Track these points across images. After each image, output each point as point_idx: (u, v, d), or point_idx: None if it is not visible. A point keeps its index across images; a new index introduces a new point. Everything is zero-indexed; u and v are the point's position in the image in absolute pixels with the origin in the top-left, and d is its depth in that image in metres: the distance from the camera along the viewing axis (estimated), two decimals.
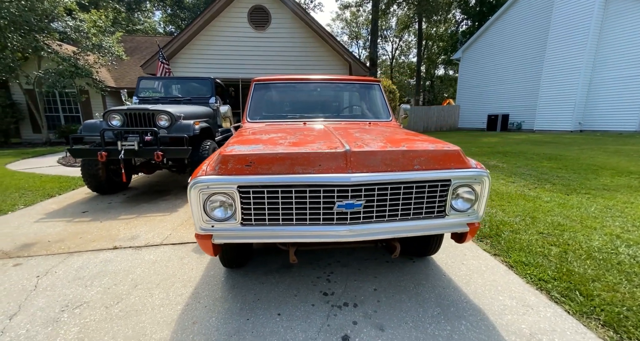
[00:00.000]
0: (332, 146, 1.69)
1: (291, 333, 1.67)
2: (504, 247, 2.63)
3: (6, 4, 8.11)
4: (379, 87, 3.21)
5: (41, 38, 9.31)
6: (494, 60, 18.89)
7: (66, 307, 1.84)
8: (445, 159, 1.73)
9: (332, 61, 8.34)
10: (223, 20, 7.72)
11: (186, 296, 1.97)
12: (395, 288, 2.10)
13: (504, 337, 1.63)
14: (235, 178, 1.54)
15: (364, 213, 1.66)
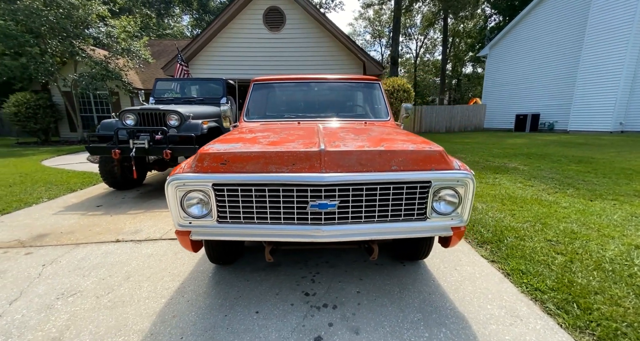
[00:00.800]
0: (308, 145, 1.68)
1: (265, 331, 1.68)
2: (504, 254, 2.49)
3: (45, 12, 8.81)
4: (379, 86, 3.14)
5: (77, 43, 10.03)
6: (524, 57, 17.91)
7: (62, 295, 1.97)
8: (426, 160, 1.67)
9: (347, 60, 8.29)
10: (239, 22, 7.91)
11: (172, 290, 2.05)
12: (379, 291, 2.05)
13: None
14: (211, 176, 1.58)
15: (339, 213, 1.63)
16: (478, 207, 3.71)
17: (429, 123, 18.49)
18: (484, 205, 3.79)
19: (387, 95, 7.59)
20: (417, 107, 17.99)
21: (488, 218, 3.28)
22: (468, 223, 3.02)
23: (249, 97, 3.00)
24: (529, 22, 17.51)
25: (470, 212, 1.73)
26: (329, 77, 3.14)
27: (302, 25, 7.96)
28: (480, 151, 8.85)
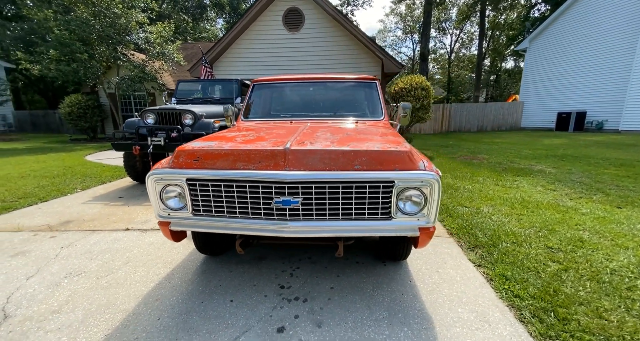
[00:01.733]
0: (276, 144, 1.77)
1: (234, 318, 1.79)
2: (494, 259, 2.40)
3: (93, 22, 9.74)
4: (375, 86, 3.14)
5: (119, 49, 10.97)
6: (569, 50, 16.46)
7: (69, 275, 2.24)
8: (390, 160, 1.68)
9: (365, 59, 8.22)
10: (260, 24, 8.17)
11: (162, 275, 2.24)
12: (352, 288, 2.08)
13: None
14: (184, 171, 1.72)
15: (303, 210, 1.70)
16: (483, 210, 3.56)
17: (458, 122, 17.69)
18: (491, 208, 3.62)
19: (405, 92, 7.43)
20: (445, 105, 17.28)
21: (489, 222, 3.15)
22: (464, 226, 2.94)
23: (248, 97, 3.14)
24: (576, 11, 16.05)
25: (437, 212, 1.71)
26: (326, 76, 3.19)
27: (321, 25, 8.02)
28: (508, 152, 8.35)
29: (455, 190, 4.41)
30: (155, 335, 1.65)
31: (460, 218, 3.29)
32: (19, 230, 3.10)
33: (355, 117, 2.94)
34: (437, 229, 2.95)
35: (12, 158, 8.19)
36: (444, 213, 3.45)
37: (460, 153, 8.36)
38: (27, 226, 3.22)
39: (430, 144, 10.70)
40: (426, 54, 23.71)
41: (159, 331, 1.68)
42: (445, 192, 4.30)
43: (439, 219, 3.31)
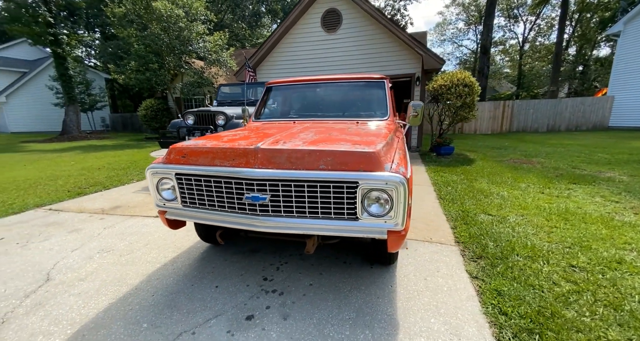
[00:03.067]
0: (250, 144, 1.89)
1: (213, 302, 1.97)
2: (495, 272, 2.18)
3: (162, 35, 11.17)
4: (383, 85, 3.06)
5: (183, 58, 12.39)
6: None
7: (101, 251, 2.69)
8: (355, 161, 1.67)
9: (403, 55, 7.90)
10: (299, 27, 8.41)
11: (169, 258, 2.54)
12: (329, 287, 2.11)
13: None
14: (173, 166, 1.95)
15: (272, 206, 1.79)
16: (510, 219, 3.21)
17: (522, 121, 15.81)
18: (520, 218, 3.25)
19: (445, 90, 6.94)
20: (505, 102, 15.58)
21: (509, 233, 2.84)
22: (476, 235, 2.71)
23: (261, 99, 3.34)
24: None
25: (405, 215, 1.65)
26: (336, 77, 3.21)
27: (358, 24, 7.94)
28: (575, 156, 7.24)
29: (486, 196, 4.03)
30: (145, 308, 1.91)
31: (477, 226, 3.03)
32: (81, 212, 3.79)
33: (360, 117, 2.91)
34: (443, 236, 2.79)
35: (99, 153, 9.85)
36: (459, 220, 3.20)
37: (512, 156, 7.52)
38: (88, 209, 3.90)
39: (480, 145, 9.81)
40: (488, 46, 21.68)
41: (149, 306, 1.93)
42: (474, 198, 3.97)
43: (451, 226, 3.09)
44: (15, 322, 1.82)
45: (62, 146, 12.09)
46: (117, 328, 1.74)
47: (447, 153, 7.33)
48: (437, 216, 3.38)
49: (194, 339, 1.66)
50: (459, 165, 6.27)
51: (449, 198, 3.95)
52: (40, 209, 3.94)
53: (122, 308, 1.92)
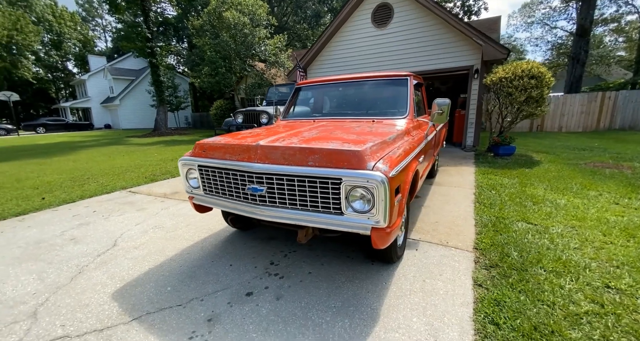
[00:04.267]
0: (255, 141, 2.12)
1: (224, 278, 2.28)
2: (505, 282, 2.02)
3: (230, 42, 12.41)
4: (405, 82, 3.00)
5: (248, 61, 13.56)
6: None
7: (154, 227, 3.27)
8: (339, 159, 1.77)
9: (460, 46, 7.28)
10: (348, 25, 8.41)
11: (201, 238, 2.97)
12: (326, 277, 2.23)
13: None
14: (197, 159, 2.30)
15: (269, 198, 2.01)
16: (553, 230, 2.85)
17: (629, 116, 13.06)
18: (568, 230, 2.86)
19: (506, 82, 6.19)
20: (605, 94, 13.04)
21: (545, 244, 2.55)
22: (501, 243, 2.54)
23: (289, 99, 3.57)
24: None
25: (386, 213, 1.70)
26: (359, 76, 3.26)
27: (410, 16, 7.58)
28: None
29: (536, 203, 3.60)
30: (172, 275, 2.32)
31: (508, 234, 2.77)
32: (149, 195, 4.59)
33: (377, 115, 2.93)
34: (462, 241, 2.66)
35: (177, 146, 11.47)
36: (488, 226, 2.96)
37: (596, 158, 6.39)
38: (155, 192, 4.70)
39: (558, 146, 8.49)
40: (587, 26, 18.26)
41: (176, 274, 2.34)
42: (519, 204, 3.58)
43: (477, 231, 2.89)
44: (86, 273, 2.40)
45: (151, 140, 14.41)
46: (149, 288, 2.17)
47: (506, 153, 6.60)
48: (465, 220, 3.18)
49: (201, 304, 1.98)
50: (517, 167, 5.61)
51: (487, 203, 3.64)
52: (124, 191, 4.90)
53: (157, 273, 2.36)
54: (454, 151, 7.87)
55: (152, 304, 1.99)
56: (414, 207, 3.64)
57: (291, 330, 1.73)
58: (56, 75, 39.91)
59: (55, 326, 1.81)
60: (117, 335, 1.72)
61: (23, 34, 30.75)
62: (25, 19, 31.44)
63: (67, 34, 38.77)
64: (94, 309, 1.96)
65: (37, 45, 34.41)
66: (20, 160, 8.77)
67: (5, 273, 2.45)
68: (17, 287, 2.24)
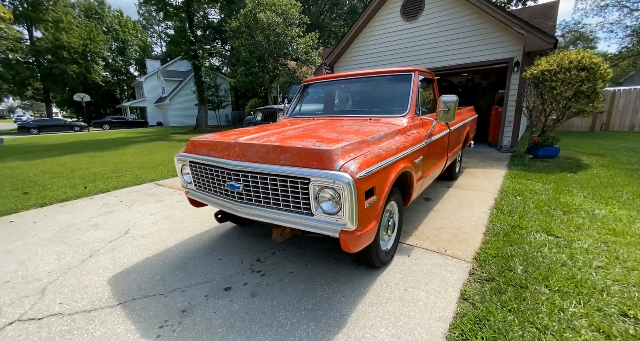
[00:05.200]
0: (234, 138, 2.13)
1: (209, 271, 2.35)
2: (495, 299, 1.81)
3: (263, 42, 12.78)
4: (409, 78, 2.81)
5: (280, 60, 13.86)
6: None
7: (164, 218, 3.49)
8: (309, 158, 1.72)
9: (498, 37, 6.61)
10: (376, 20, 8.09)
11: (202, 231, 3.10)
12: (305, 277, 2.19)
13: None
14: (188, 155, 2.40)
15: (245, 195, 2.02)
16: (579, 244, 2.50)
17: None
18: (598, 244, 2.49)
19: (550, 76, 5.50)
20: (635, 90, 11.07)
21: (562, 259, 2.24)
22: (507, 255, 2.32)
23: (295, 96, 3.56)
24: None
25: (354, 217, 1.62)
26: (364, 72, 3.13)
27: (442, 7, 7.07)
28: None
29: (567, 213, 3.17)
30: (165, 265, 2.45)
31: (518, 245, 2.48)
32: (171, 187, 4.92)
33: (375, 113, 2.80)
34: (462, 250, 2.45)
35: None
36: (499, 236, 2.68)
37: None
38: (177, 186, 5.02)
39: (619, 148, 7.40)
40: None
41: (168, 264, 2.47)
42: (545, 213, 3.19)
43: (483, 240, 2.62)
44: (95, 257, 2.63)
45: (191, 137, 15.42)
46: (142, 275, 2.32)
47: (547, 155, 5.90)
48: (474, 228, 2.91)
49: (181, 295, 2.06)
50: (558, 171, 4.99)
51: (506, 210, 3.29)
52: (152, 183, 5.30)
53: (152, 262, 2.52)
54: (487, 152, 7.26)
55: (139, 291, 2.12)
56: (421, 210, 3.42)
57: (255, 328, 1.72)
58: (120, 78, 44.48)
59: (55, 304, 2.02)
60: (101, 317, 1.86)
61: (95, 43, 34.74)
62: (97, 30, 35.51)
63: (130, 41, 43.03)
64: (90, 291, 2.14)
65: (106, 52, 38.72)
66: (82, 152, 9.94)
67: (35, 252, 2.78)
68: (38, 265, 2.53)
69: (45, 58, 31.19)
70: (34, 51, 31.22)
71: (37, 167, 7.31)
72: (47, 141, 15.32)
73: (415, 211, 3.41)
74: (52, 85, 32.85)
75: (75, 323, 1.83)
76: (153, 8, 16.42)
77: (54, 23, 30.66)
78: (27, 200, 4.41)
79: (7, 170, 6.95)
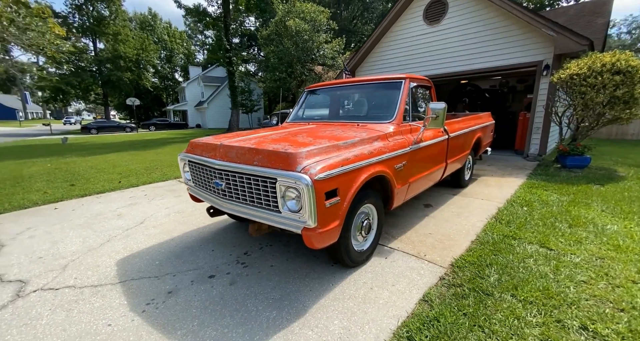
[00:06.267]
0: (220, 141, 2.36)
1: (200, 260, 2.60)
2: (455, 303, 1.83)
3: (291, 49, 13.25)
4: (398, 85, 2.86)
5: (307, 66, 14.26)
6: None
7: (176, 211, 3.84)
8: (276, 160, 1.90)
9: (526, 39, 6.23)
10: (398, 24, 8.01)
11: (205, 224, 3.38)
12: (284, 271, 2.35)
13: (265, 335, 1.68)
14: (186, 154, 2.68)
15: (227, 192, 2.24)
16: (570, 258, 2.38)
17: None
18: (593, 260, 2.37)
19: (579, 80, 5.10)
20: None
21: (543, 271, 2.17)
22: (483, 264, 2.33)
23: (297, 102, 3.75)
24: None
25: (314, 215, 1.75)
26: (357, 79, 3.24)
27: (467, 11, 6.86)
28: None
29: (572, 226, 3.00)
30: (166, 252, 2.75)
31: (503, 255, 2.43)
32: None
33: (362, 119, 2.91)
34: (442, 256, 2.49)
35: None
36: (486, 244, 2.63)
37: None
38: None
39: None
40: None
41: (168, 252, 2.76)
42: (548, 226, 3.04)
43: (468, 248, 2.59)
44: (112, 242, 3.02)
45: None
46: (144, 260, 2.63)
47: (576, 165, 5.47)
48: (463, 236, 2.87)
49: (172, 279, 2.32)
50: (583, 183, 4.64)
51: (505, 220, 3.18)
52: (175, 180, 5.81)
53: (156, 249, 2.83)
54: (512, 160, 6.88)
55: (139, 273, 2.43)
56: (416, 216, 3.42)
57: (224, 312, 1.91)
58: (167, 84, 48.29)
59: (71, 278, 2.38)
60: (103, 292, 2.18)
61: (147, 52, 38.16)
62: (149, 40, 39.01)
63: (177, 50, 46.65)
64: (101, 270, 2.49)
65: (155, 60, 42.38)
66: (126, 151, 11.03)
67: (67, 235, 3.25)
68: (67, 246, 2.97)
69: (105, 66, 34.88)
70: (96, 61, 35.08)
71: (87, 162, 8.28)
72: (102, 140, 17.12)
73: (409, 216, 3.42)
74: (110, 90, 36.59)
75: (82, 294, 2.15)
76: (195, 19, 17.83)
77: (114, 35, 34.22)
78: (72, 191, 5.08)
79: (63, 165, 7.96)
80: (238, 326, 1.77)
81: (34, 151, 11.58)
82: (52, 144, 14.46)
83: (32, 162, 8.66)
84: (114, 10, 34.67)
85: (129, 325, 1.82)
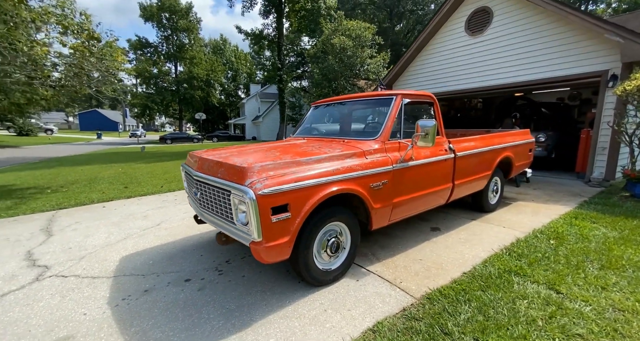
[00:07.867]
0: (199, 154, 2.54)
1: (186, 264, 2.77)
2: (400, 336, 1.64)
3: (335, 65, 13.59)
4: (389, 102, 2.74)
5: (350, 81, 14.42)
6: None
7: (191, 216, 4.17)
8: (232, 173, 1.99)
9: (585, 46, 5.32)
10: (438, 36, 7.58)
11: (206, 231, 3.61)
12: (249, 282, 2.38)
13: None
14: (184, 165, 2.94)
15: (202, 200, 2.39)
16: (580, 306, 1.97)
17: None
18: (616, 313, 1.92)
19: (628, 95, 4.18)
20: None
21: (534, 316, 1.83)
22: (459, 298, 2.08)
23: (303, 117, 3.84)
24: None
25: (258, 230, 1.79)
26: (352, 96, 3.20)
27: (513, 19, 6.19)
28: None
29: (606, 268, 2.47)
30: (162, 253, 3.01)
31: (492, 292, 2.10)
32: None
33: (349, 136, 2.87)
34: (419, 286, 2.34)
35: None
36: (479, 278, 2.30)
37: None
38: None
39: None
40: None
41: (163, 253, 3.01)
42: (572, 266, 2.55)
43: (456, 279, 2.30)
44: (127, 240, 3.40)
45: None
46: (142, 259, 2.91)
47: None
48: (458, 266, 2.56)
49: (154, 279, 2.53)
50: None
51: (516, 252, 2.75)
52: None
53: (156, 250, 3.12)
54: (569, 184, 5.90)
55: (132, 270, 2.70)
56: (417, 239, 3.16)
57: (180, 315, 2.02)
58: (231, 100, 53.31)
59: (80, 268, 2.75)
60: (96, 284, 2.47)
61: (215, 73, 42.88)
62: (218, 62, 43.88)
63: (241, 69, 51.50)
64: (105, 264, 2.83)
65: (223, 79, 47.37)
66: (181, 159, 12.37)
67: (99, 230, 3.76)
68: (94, 240, 3.44)
69: (182, 86, 40.12)
70: (175, 81, 40.58)
71: (148, 168, 9.50)
72: (171, 149, 19.49)
73: (407, 239, 3.17)
74: (184, 106, 41.81)
75: (81, 284, 2.47)
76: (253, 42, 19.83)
77: (190, 59, 39.31)
78: (123, 192, 5.87)
79: (130, 170, 9.25)
80: (183, 331, 1.85)
81: (116, 157, 13.70)
82: (133, 152, 16.92)
83: (111, 166, 10.24)
84: (192, 38, 39.97)
85: (99, 317, 2.02)
